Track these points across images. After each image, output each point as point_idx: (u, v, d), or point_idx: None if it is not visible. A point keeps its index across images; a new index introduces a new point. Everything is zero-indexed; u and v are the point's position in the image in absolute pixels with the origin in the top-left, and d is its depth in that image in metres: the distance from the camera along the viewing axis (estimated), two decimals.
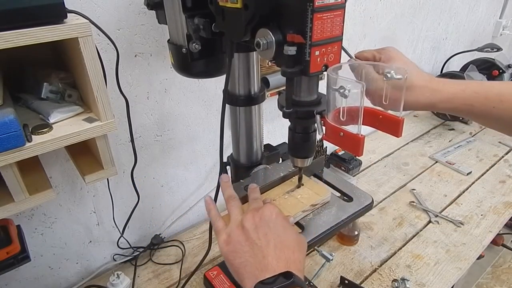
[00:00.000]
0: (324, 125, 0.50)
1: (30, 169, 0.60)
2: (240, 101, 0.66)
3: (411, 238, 1.04)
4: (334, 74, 0.45)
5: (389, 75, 0.48)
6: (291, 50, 0.43)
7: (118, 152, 0.87)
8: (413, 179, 1.30)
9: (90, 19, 0.51)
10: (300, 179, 0.67)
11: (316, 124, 0.52)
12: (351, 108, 0.45)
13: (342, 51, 0.48)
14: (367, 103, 0.48)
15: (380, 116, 0.51)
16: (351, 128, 0.45)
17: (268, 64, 1.03)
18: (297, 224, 0.62)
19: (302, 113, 0.52)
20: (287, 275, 0.44)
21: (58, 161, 0.78)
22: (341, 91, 0.43)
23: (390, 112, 0.52)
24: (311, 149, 0.59)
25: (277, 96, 0.81)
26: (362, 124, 0.45)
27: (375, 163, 1.40)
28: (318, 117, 0.51)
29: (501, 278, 1.83)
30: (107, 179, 0.86)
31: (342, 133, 0.46)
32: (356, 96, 0.43)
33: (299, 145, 0.58)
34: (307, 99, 0.53)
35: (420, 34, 1.59)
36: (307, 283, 0.85)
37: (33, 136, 0.51)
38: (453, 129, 1.63)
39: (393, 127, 0.50)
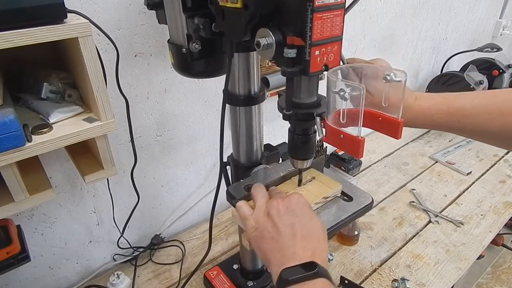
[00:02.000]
0: (324, 127, 0.50)
1: (30, 169, 0.60)
2: (240, 101, 0.66)
3: (411, 238, 1.04)
4: (334, 77, 0.45)
5: (388, 77, 0.48)
6: (291, 53, 0.43)
7: (118, 152, 0.87)
8: (413, 179, 1.30)
9: (90, 19, 0.51)
10: (300, 180, 0.67)
11: (316, 126, 0.52)
12: (351, 110, 0.45)
13: None
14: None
15: (380, 118, 0.51)
16: (351, 130, 0.45)
17: (268, 64, 1.03)
18: None
19: (302, 115, 0.52)
20: (312, 265, 0.46)
21: (58, 161, 0.78)
22: (341, 93, 0.43)
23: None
24: (311, 151, 0.59)
25: (277, 96, 0.81)
26: (362, 126, 0.45)
27: (375, 163, 1.40)
28: (318, 119, 0.51)
29: (501, 278, 1.83)
30: (107, 179, 0.86)
31: (342, 135, 0.46)
32: (355, 98, 0.43)
33: (299, 146, 0.58)
34: (307, 101, 0.53)
35: (420, 34, 1.59)
36: None
37: (33, 136, 0.51)
38: None
39: (392, 129, 0.50)
